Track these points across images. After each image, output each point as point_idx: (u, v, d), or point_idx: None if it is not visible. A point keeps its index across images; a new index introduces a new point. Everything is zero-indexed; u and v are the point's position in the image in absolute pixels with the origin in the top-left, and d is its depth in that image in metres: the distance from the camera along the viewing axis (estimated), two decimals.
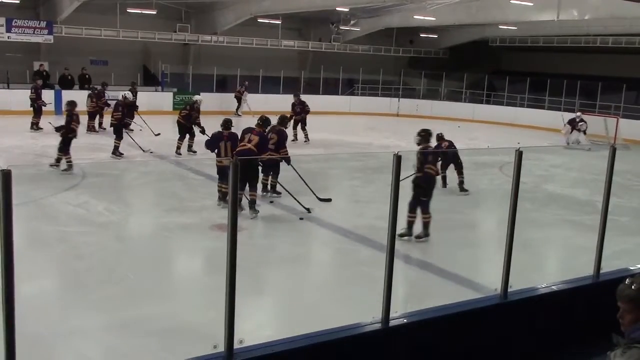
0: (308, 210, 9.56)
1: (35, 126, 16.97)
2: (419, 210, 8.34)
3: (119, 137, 13.80)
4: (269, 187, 10.55)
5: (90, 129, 17.42)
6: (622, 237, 8.71)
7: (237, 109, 23.34)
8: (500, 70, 30.13)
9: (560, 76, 25.74)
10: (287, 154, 10.41)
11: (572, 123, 19.45)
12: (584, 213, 10.36)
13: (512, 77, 27.48)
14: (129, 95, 15.06)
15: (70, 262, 7.34)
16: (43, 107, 17.48)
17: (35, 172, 11.77)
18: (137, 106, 17.27)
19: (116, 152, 13.73)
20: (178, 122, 14.50)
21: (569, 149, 19.07)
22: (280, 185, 10.32)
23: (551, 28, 24.26)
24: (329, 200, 10.42)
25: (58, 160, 11.78)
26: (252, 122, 11.52)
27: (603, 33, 24.35)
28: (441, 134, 11.70)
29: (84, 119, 17.95)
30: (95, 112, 17.67)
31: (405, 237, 8.27)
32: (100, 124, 18.01)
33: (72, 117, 11.96)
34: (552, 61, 27.95)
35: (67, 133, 11.86)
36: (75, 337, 5.42)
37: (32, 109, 17.29)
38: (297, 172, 10.33)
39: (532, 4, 19.71)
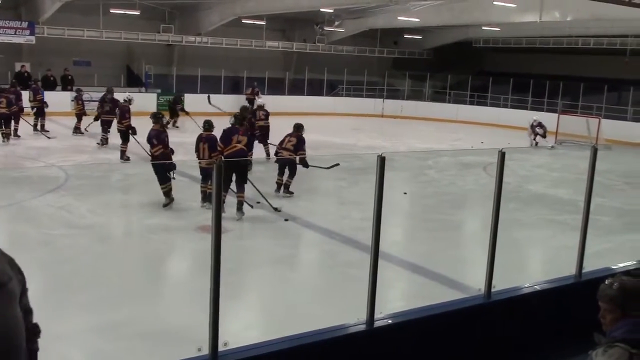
0: (277, 209, 9.71)
1: (42, 128, 16.89)
2: None
3: (125, 141, 13.66)
4: (282, 186, 10.94)
5: (76, 131, 17.27)
6: (604, 236, 8.81)
7: None
8: (483, 71, 30.33)
9: (543, 77, 25.99)
10: (304, 156, 11.03)
11: (532, 128, 19.82)
12: (566, 213, 10.43)
13: (495, 77, 27.68)
14: (129, 96, 14.94)
15: (54, 265, 7.26)
16: (45, 108, 17.40)
17: (18, 174, 11.65)
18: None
19: (123, 156, 13.63)
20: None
21: (556, 149, 19.39)
22: (252, 183, 9.91)
23: (534, 29, 24.45)
24: (337, 165, 11.45)
25: None
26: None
27: (585, 34, 24.60)
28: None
29: (67, 120, 17.99)
30: (81, 114, 17.42)
31: None
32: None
33: None
34: (535, 62, 28.19)
35: None
36: (60, 341, 5.36)
37: (33, 111, 17.16)
38: (319, 166, 11.29)
39: (514, 6, 19.87)
